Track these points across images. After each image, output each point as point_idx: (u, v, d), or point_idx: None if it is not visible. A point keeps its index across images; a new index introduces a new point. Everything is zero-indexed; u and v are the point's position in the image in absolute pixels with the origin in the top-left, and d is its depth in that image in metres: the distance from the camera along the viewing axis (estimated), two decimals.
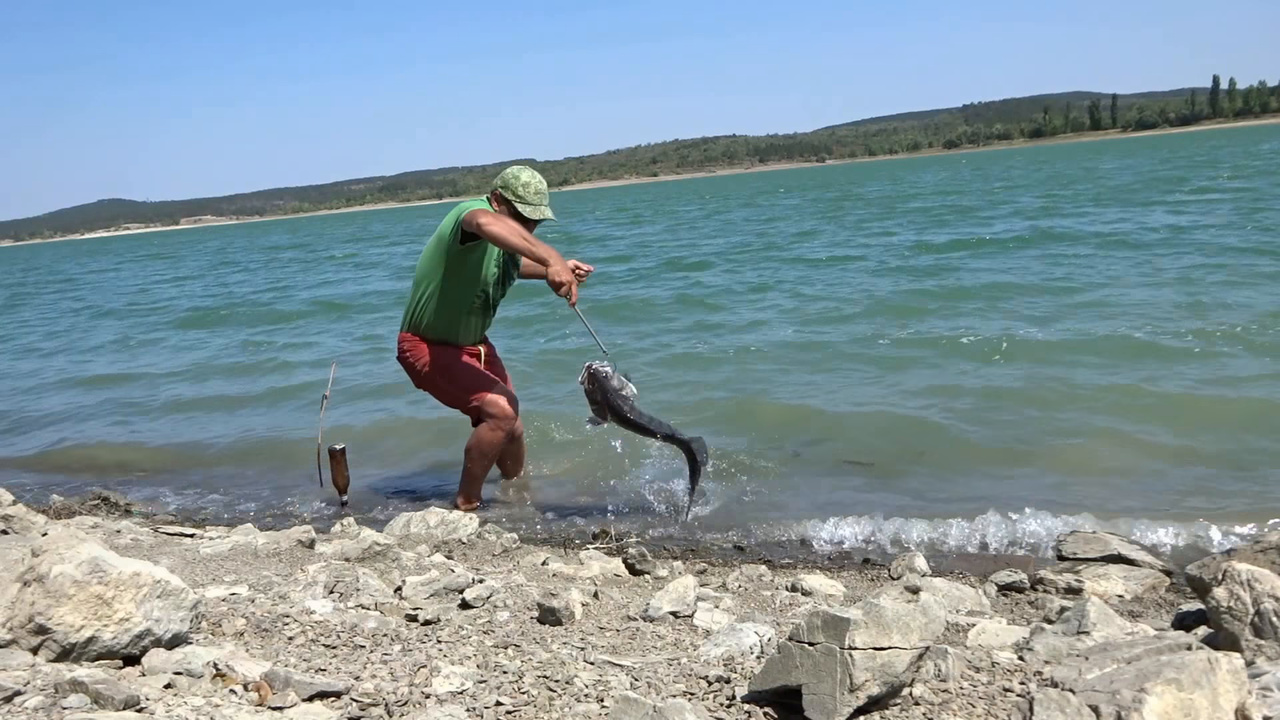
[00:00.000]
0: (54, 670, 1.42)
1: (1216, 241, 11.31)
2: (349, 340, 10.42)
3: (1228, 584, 1.69)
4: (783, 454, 4.79)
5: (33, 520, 3.40)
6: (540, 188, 3.95)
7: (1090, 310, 7.85)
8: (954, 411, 5.25)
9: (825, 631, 1.35)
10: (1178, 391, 5.23)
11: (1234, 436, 4.42)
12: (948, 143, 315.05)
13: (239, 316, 14.05)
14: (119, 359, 10.88)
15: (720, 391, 6.23)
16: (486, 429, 4.09)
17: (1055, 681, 1.45)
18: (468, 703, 1.50)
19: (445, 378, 4.14)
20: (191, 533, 3.65)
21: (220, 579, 2.53)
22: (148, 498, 4.99)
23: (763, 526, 3.88)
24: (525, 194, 3.91)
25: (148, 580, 1.59)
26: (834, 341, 7.55)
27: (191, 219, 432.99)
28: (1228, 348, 6.00)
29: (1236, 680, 1.31)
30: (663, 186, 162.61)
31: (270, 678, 1.49)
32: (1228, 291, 8.02)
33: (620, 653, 1.90)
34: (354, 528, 3.50)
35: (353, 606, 2.21)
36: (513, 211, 3.89)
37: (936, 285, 10.27)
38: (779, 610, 2.51)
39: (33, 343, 13.29)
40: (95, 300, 20.62)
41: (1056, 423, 4.87)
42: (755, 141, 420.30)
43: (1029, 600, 2.81)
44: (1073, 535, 3.23)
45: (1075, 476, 4.11)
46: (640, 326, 9.31)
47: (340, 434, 5.23)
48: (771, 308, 9.87)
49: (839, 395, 5.87)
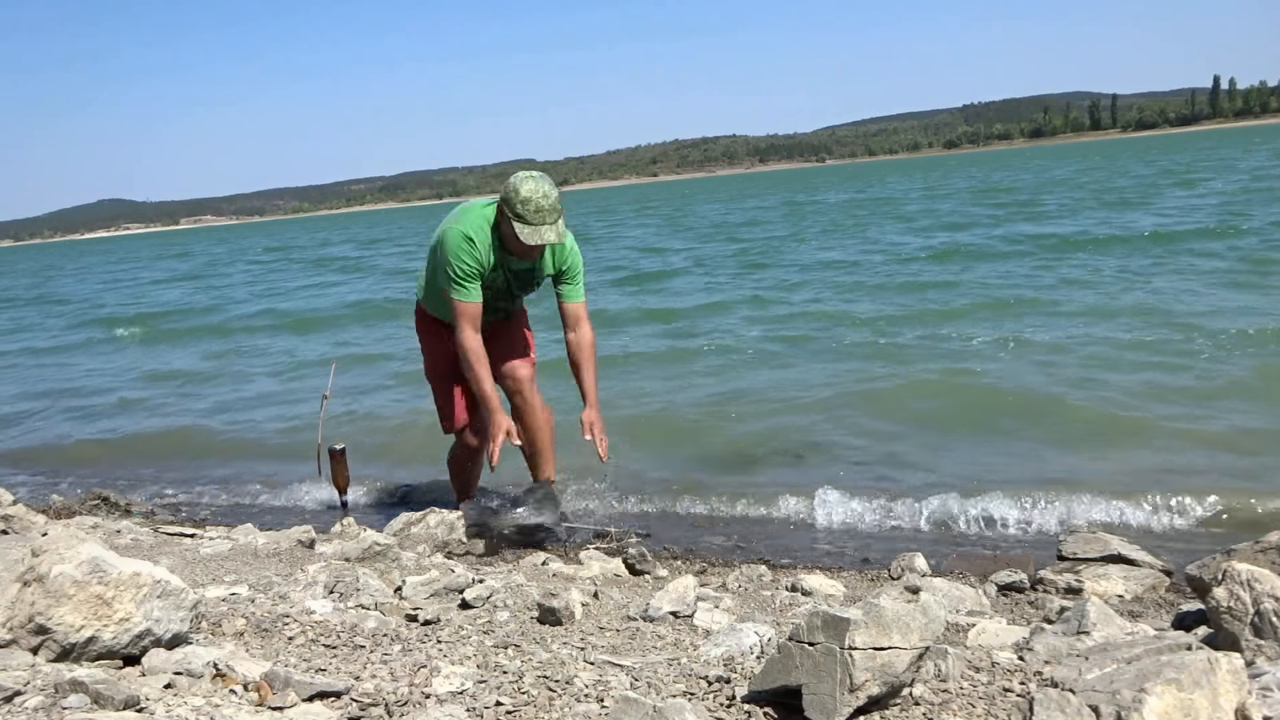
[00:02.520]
0: (54, 670, 1.42)
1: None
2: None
3: (1228, 584, 1.69)
4: (783, 454, 4.79)
5: (33, 520, 3.40)
6: (542, 204, 3.40)
7: (1090, 311, 7.86)
8: (954, 412, 5.26)
9: (825, 631, 1.35)
10: (1178, 392, 5.23)
11: (1234, 436, 4.42)
12: (948, 143, 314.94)
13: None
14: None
15: (720, 390, 6.23)
16: (455, 444, 4.01)
17: (1055, 681, 1.45)
18: (468, 703, 1.50)
19: (426, 360, 4.00)
20: (191, 533, 3.65)
21: (220, 579, 2.53)
22: (148, 498, 4.99)
23: (763, 526, 3.88)
24: (524, 212, 3.40)
25: (148, 580, 1.59)
26: (835, 340, 7.56)
27: (191, 219, 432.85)
28: (1229, 350, 6.00)
29: (1236, 680, 1.31)
30: (664, 186, 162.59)
31: (270, 678, 1.49)
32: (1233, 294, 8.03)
33: (620, 653, 1.90)
34: (354, 528, 3.50)
35: (353, 606, 2.21)
36: (510, 230, 3.46)
37: (937, 285, 10.28)
38: (779, 610, 2.51)
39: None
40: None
41: (1056, 423, 4.87)
42: (755, 141, 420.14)
43: (1029, 600, 2.81)
44: (1073, 535, 3.23)
45: (1075, 476, 4.11)
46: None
47: (340, 434, 5.23)
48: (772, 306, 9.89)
49: (840, 395, 5.86)
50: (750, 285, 11.84)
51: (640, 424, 5.47)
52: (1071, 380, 5.63)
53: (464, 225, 3.54)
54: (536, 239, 3.41)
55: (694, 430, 5.36)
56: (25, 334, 14.73)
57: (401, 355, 8.16)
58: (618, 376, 6.67)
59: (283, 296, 17.02)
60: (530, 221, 3.40)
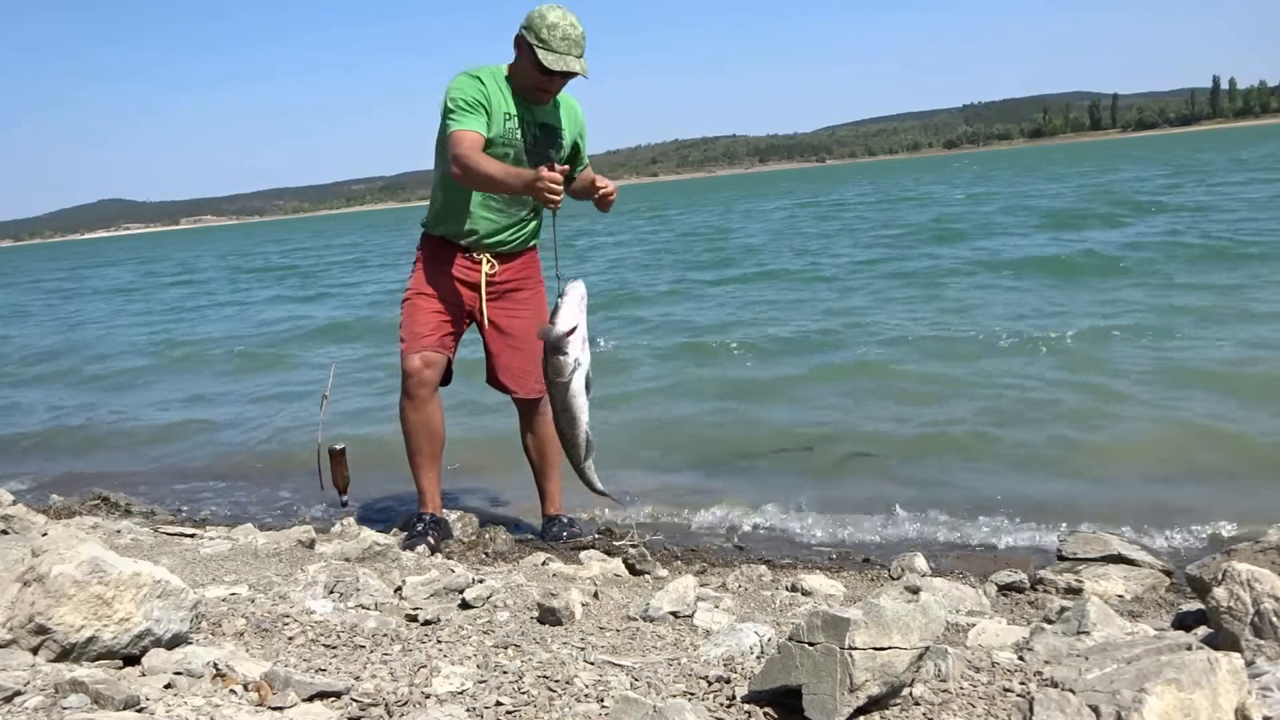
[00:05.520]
0: (54, 670, 1.42)
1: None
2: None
3: (1228, 584, 1.69)
4: (783, 453, 4.79)
5: (33, 520, 3.40)
6: (570, 33, 3.08)
7: (1090, 313, 7.86)
8: (954, 411, 5.25)
9: (825, 631, 1.35)
10: (1177, 392, 5.23)
11: (1234, 437, 4.42)
12: (948, 143, 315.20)
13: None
14: None
15: (720, 389, 6.23)
16: (403, 393, 3.44)
17: (1055, 681, 1.45)
18: (468, 703, 1.50)
19: (413, 281, 3.46)
20: (191, 533, 3.65)
21: (220, 579, 2.53)
22: (148, 498, 4.98)
23: (763, 526, 3.88)
24: (550, 38, 3.07)
25: (148, 580, 1.59)
26: (835, 341, 7.56)
27: (191, 219, 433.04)
28: (1229, 349, 6.01)
29: (1236, 680, 1.31)
30: (665, 186, 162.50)
31: (270, 678, 1.49)
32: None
33: (620, 653, 1.90)
34: (354, 528, 3.50)
35: (353, 606, 2.21)
36: (532, 59, 3.12)
37: (937, 288, 10.28)
38: (779, 610, 2.51)
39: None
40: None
41: (1057, 423, 4.86)
42: (755, 141, 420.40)
43: (1029, 600, 2.81)
44: (1073, 535, 3.22)
45: (1075, 476, 4.11)
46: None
47: (340, 433, 5.22)
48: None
49: (840, 395, 5.86)
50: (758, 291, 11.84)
51: (640, 423, 5.48)
52: (1072, 380, 5.62)
53: (470, 69, 3.28)
54: (562, 65, 3.09)
55: (694, 430, 5.36)
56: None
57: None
58: (619, 376, 6.66)
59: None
60: (556, 49, 3.09)
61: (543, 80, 3.20)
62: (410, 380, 3.41)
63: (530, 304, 3.57)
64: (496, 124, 3.22)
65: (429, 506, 3.60)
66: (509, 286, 3.53)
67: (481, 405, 5.60)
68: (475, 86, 3.21)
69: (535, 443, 3.68)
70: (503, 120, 3.24)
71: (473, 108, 3.17)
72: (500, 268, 3.48)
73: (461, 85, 3.21)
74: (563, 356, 2.94)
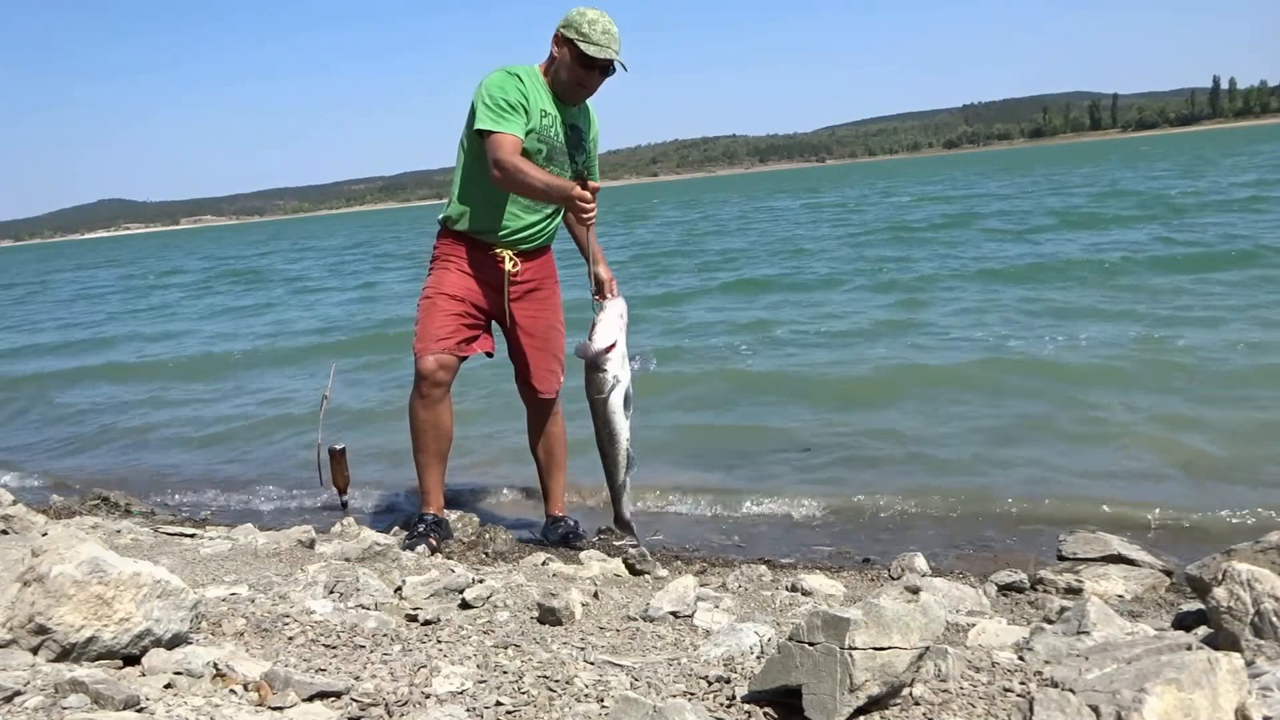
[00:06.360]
0: (54, 670, 1.42)
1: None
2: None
3: (1228, 584, 1.69)
4: (783, 453, 4.79)
5: (33, 520, 3.41)
6: (609, 27, 3.19)
7: (1090, 313, 7.86)
8: (955, 411, 5.26)
9: (825, 631, 1.35)
10: (1177, 393, 5.23)
11: (1235, 435, 4.42)
12: (948, 143, 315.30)
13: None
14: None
15: (719, 390, 6.23)
16: (414, 391, 3.43)
17: (1055, 681, 1.45)
18: (468, 703, 1.50)
19: (431, 279, 3.45)
20: (191, 533, 3.65)
21: (220, 579, 2.53)
22: (148, 498, 4.99)
23: (763, 526, 3.88)
24: (590, 32, 3.17)
25: (148, 580, 1.59)
26: (835, 341, 7.56)
27: (191, 219, 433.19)
28: (1228, 353, 6.01)
29: (1236, 680, 1.31)
30: (666, 186, 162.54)
31: (270, 678, 1.49)
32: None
33: (620, 653, 1.90)
34: (354, 528, 3.50)
35: (353, 606, 2.21)
36: (576, 53, 3.19)
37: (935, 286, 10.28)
38: (779, 610, 2.51)
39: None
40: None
41: (1057, 423, 4.86)
42: (755, 141, 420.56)
43: (1029, 600, 2.81)
44: (1073, 535, 3.22)
45: (1076, 476, 4.11)
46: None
47: (340, 433, 5.22)
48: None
49: (840, 395, 5.86)
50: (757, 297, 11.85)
51: (640, 423, 5.46)
52: (1071, 380, 5.62)
53: (508, 67, 3.31)
54: (605, 55, 3.18)
55: (694, 429, 5.36)
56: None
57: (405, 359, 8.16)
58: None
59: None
60: (599, 42, 3.18)
61: (583, 75, 3.24)
62: (424, 382, 3.42)
63: (550, 303, 3.61)
64: (534, 121, 3.25)
65: (431, 507, 3.60)
66: (529, 286, 3.54)
67: (482, 405, 5.61)
68: (515, 85, 3.23)
69: (545, 441, 3.70)
70: (539, 117, 3.28)
71: (514, 108, 3.19)
72: (522, 265, 3.48)
73: (502, 83, 3.23)
74: (601, 373, 2.97)
